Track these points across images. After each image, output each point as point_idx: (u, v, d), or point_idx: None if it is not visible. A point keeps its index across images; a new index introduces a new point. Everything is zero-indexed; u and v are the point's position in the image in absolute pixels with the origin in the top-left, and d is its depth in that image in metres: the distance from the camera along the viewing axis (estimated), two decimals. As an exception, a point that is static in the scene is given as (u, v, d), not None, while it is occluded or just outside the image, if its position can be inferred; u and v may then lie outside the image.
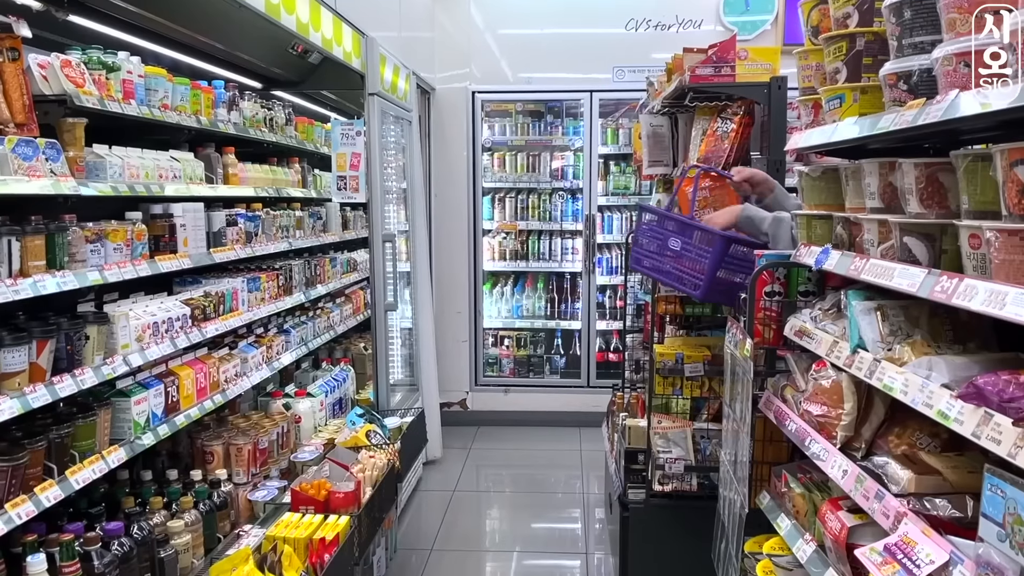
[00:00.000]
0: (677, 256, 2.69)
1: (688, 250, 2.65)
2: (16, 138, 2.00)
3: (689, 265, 2.66)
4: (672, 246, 2.69)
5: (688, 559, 3.09)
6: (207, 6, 2.84)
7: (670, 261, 2.71)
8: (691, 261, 2.65)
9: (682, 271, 2.67)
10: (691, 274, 2.66)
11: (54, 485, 2.07)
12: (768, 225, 2.57)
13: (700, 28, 6.01)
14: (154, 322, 2.54)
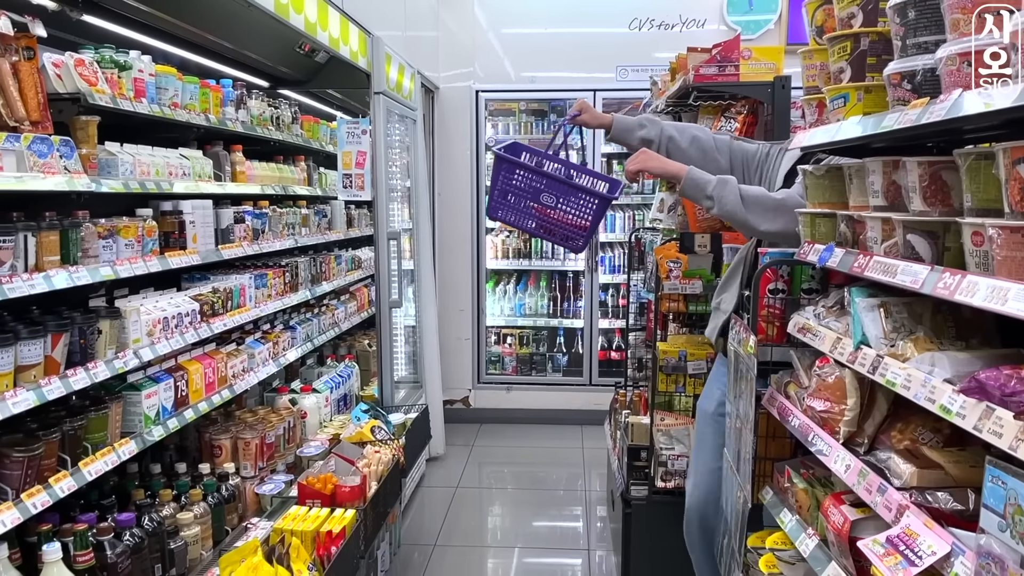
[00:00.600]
0: (548, 208, 2.50)
1: (563, 206, 2.47)
2: (32, 135, 2.03)
3: (561, 218, 2.49)
4: (545, 201, 2.47)
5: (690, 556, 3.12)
6: (217, 5, 2.87)
7: (537, 212, 2.51)
8: (566, 214, 2.49)
9: (553, 224, 2.50)
10: (565, 227, 2.49)
11: (68, 476, 2.10)
12: (713, 188, 2.37)
13: (704, 28, 6.04)
14: (164, 317, 2.57)
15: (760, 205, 2.31)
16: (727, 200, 2.33)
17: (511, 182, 2.48)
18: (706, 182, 2.34)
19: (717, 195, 2.33)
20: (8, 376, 1.93)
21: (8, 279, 1.91)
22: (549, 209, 2.46)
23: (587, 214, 2.45)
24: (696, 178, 2.37)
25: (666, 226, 4.27)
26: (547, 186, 2.45)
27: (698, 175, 2.37)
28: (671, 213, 4.24)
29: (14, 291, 1.91)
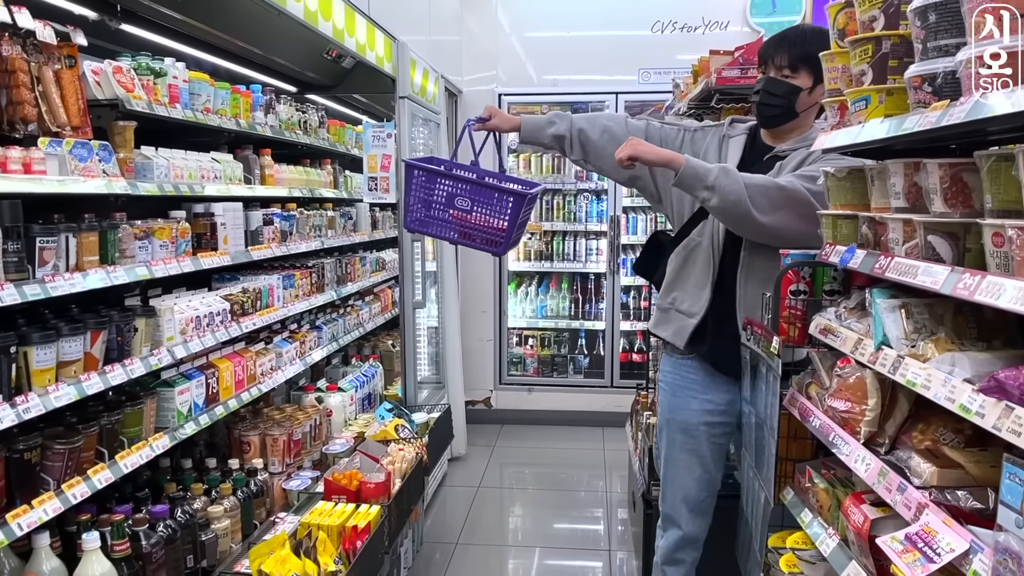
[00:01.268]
0: (466, 213, 2.40)
1: (479, 208, 2.37)
2: (73, 140, 2.10)
3: (479, 220, 2.39)
4: (460, 205, 2.37)
5: (711, 556, 3.13)
6: (248, 13, 2.94)
7: (455, 220, 2.40)
8: (484, 218, 2.38)
9: (472, 228, 2.39)
10: (484, 231, 2.39)
11: (105, 468, 2.17)
12: (715, 178, 2.18)
13: (727, 30, 6.04)
14: (196, 316, 2.64)
15: (765, 195, 2.18)
16: (730, 190, 2.16)
17: (423, 191, 2.40)
18: (706, 171, 2.19)
19: (719, 184, 2.16)
20: (50, 371, 2.00)
21: (51, 278, 1.98)
22: (466, 214, 2.37)
23: (504, 214, 2.35)
24: (695, 167, 2.20)
25: (688, 228, 4.29)
26: (460, 190, 2.37)
27: (697, 164, 2.21)
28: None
29: (56, 289, 1.98)
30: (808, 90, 2.33)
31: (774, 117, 2.39)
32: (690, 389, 2.55)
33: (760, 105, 2.38)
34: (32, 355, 1.95)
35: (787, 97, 2.33)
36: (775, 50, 2.35)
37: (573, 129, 2.55)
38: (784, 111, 2.35)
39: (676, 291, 2.51)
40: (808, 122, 2.43)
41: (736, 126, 2.59)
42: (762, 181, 2.19)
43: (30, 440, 2.00)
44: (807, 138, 2.38)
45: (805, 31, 2.34)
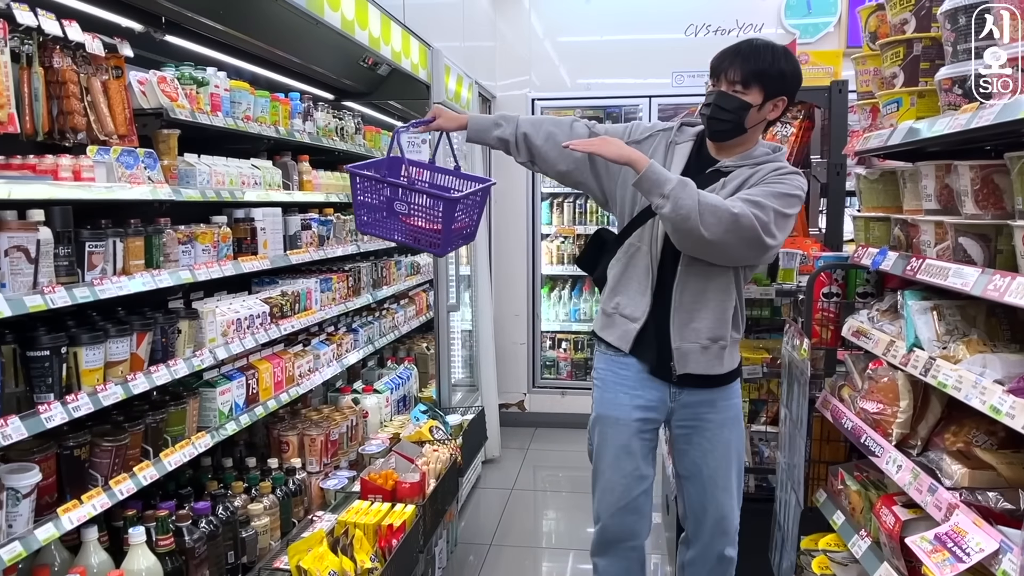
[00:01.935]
0: (407, 216, 2.40)
1: (417, 212, 2.37)
2: (120, 148, 2.19)
3: (421, 224, 2.39)
4: (399, 209, 2.38)
5: (745, 560, 3.13)
6: (287, 24, 3.02)
7: (399, 222, 2.41)
8: (422, 220, 2.39)
9: (416, 231, 2.40)
10: (425, 233, 2.40)
11: (150, 466, 2.25)
12: (672, 188, 2.13)
13: (761, 32, 6.00)
14: (237, 318, 2.72)
15: (715, 216, 2.13)
16: (683, 203, 2.12)
17: (364, 195, 2.42)
18: (666, 179, 2.15)
19: (675, 195, 2.13)
20: (99, 371, 2.08)
21: (99, 281, 2.06)
22: (405, 216, 2.38)
23: (436, 217, 2.34)
24: (657, 172, 2.16)
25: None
26: (396, 194, 2.38)
27: (658, 171, 2.17)
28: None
29: (105, 292, 2.06)
30: (758, 107, 2.30)
31: (723, 132, 2.36)
32: (623, 385, 2.53)
33: (710, 119, 2.35)
34: (82, 355, 2.03)
35: (737, 113, 2.29)
36: (728, 64, 2.30)
37: (518, 132, 2.53)
38: (733, 126, 2.32)
39: (619, 296, 2.49)
40: (755, 138, 2.42)
41: (684, 131, 2.54)
42: (716, 203, 2.15)
43: (80, 437, 2.08)
44: (751, 155, 2.38)
45: (759, 46, 2.30)
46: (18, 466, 1.88)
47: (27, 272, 1.83)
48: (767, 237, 2.17)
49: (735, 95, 2.28)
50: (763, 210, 2.17)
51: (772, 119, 2.39)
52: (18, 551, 1.79)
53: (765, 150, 2.40)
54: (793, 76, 2.32)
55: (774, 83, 2.28)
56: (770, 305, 3.53)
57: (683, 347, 2.40)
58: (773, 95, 2.30)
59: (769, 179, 2.28)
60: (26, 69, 2.00)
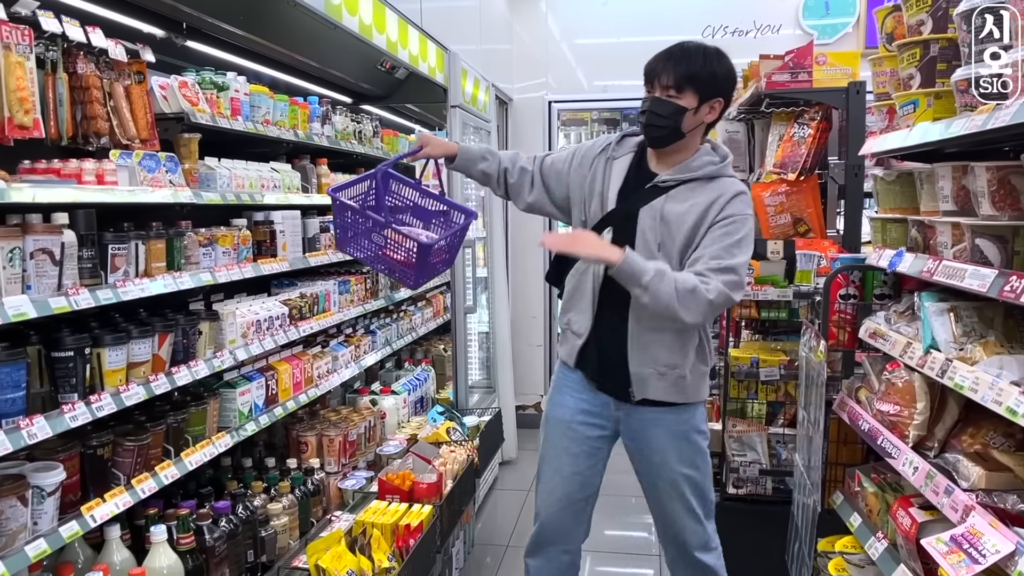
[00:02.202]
0: (383, 248, 2.42)
1: (393, 246, 2.40)
2: (142, 153, 2.23)
3: (396, 257, 2.42)
4: (376, 241, 2.41)
5: (762, 562, 3.12)
6: (306, 28, 3.06)
7: (375, 250, 2.44)
8: (399, 255, 2.41)
9: (391, 263, 2.43)
10: (400, 266, 2.42)
11: (171, 465, 2.28)
12: (650, 279, 2.13)
13: (779, 33, 5.98)
14: (257, 320, 2.75)
15: (695, 302, 2.14)
16: (662, 293, 2.13)
17: (346, 220, 2.45)
18: (642, 271, 2.13)
19: (653, 288, 2.13)
20: (122, 372, 2.12)
21: (122, 283, 2.10)
22: (382, 247, 2.41)
23: (411, 256, 2.38)
24: (632, 265, 2.15)
25: (739, 233, 4.28)
26: (375, 226, 2.40)
27: (634, 263, 2.15)
28: (744, 220, 4.25)
29: (127, 294, 2.10)
30: (693, 110, 2.27)
31: (661, 138, 2.33)
32: (568, 388, 2.55)
33: (646, 126, 2.34)
34: (105, 356, 2.07)
35: (672, 118, 2.27)
36: (661, 69, 2.29)
37: (500, 168, 2.61)
38: (670, 132, 2.30)
39: (570, 312, 2.51)
40: (694, 143, 2.38)
41: (625, 143, 2.53)
42: (693, 288, 2.14)
43: (103, 437, 2.12)
44: (688, 166, 2.34)
45: (689, 49, 2.28)
46: (43, 465, 1.92)
47: (52, 274, 1.87)
48: (737, 293, 2.21)
49: (669, 100, 2.26)
50: (733, 271, 2.19)
51: (710, 121, 2.36)
52: (43, 548, 1.83)
53: (706, 159, 2.36)
54: (726, 77, 2.30)
55: (707, 85, 2.25)
56: (787, 307, 3.51)
57: (641, 372, 2.37)
58: (708, 97, 2.27)
59: (724, 225, 2.25)
60: (51, 75, 2.04)
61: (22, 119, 1.83)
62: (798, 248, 3.54)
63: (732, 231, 2.24)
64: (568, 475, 2.57)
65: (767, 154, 3.69)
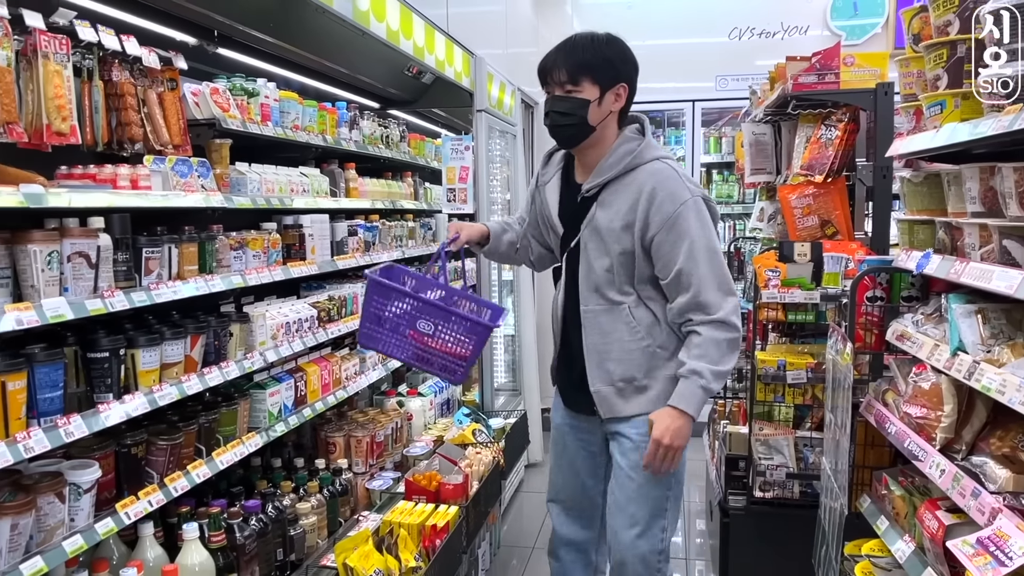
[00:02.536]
0: (426, 336, 2.23)
1: (443, 333, 2.23)
2: (175, 158, 2.28)
3: (440, 346, 2.24)
4: (423, 328, 2.22)
5: (789, 566, 3.10)
6: (335, 35, 3.11)
7: (414, 340, 2.25)
8: (445, 343, 2.24)
9: (431, 352, 2.24)
10: (444, 356, 2.24)
11: (203, 464, 2.33)
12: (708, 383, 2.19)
13: (806, 34, 5.95)
14: (286, 322, 2.80)
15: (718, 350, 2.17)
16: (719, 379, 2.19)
17: (385, 308, 2.25)
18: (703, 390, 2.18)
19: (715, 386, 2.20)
20: (155, 372, 2.17)
21: (155, 286, 2.15)
22: (427, 337, 2.23)
23: (469, 342, 2.22)
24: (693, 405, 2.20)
25: (766, 235, 4.25)
26: (425, 312, 2.23)
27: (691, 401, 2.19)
28: (771, 222, 4.22)
29: (160, 296, 2.15)
30: (597, 100, 2.19)
31: (572, 136, 2.25)
32: (557, 406, 2.60)
33: (552, 128, 2.27)
34: (139, 357, 2.12)
35: (576, 113, 2.18)
36: (552, 66, 2.21)
37: (519, 237, 2.60)
38: (578, 128, 2.21)
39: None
40: (609, 135, 2.28)
41: (550, 162, 2.47)
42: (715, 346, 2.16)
43: (137, 436, 2.17)
44: (603, 167, 2.25)
45: (577, 41, 2.20)
46: (79, 463, 1.98)
47: (88, 277, 1.93)
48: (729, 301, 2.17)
49: (569, 96, 2.18)
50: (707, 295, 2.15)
51: (619, 109, 2.26)
52: (80, 544, 1.88)
53: (624, 149, 2.24)
54: (623, 60, 2.23)
55: (604, 72, 2.18)
56: (814, 310, 3.49)
57: (601, 391, 2.33)
58: (609, 84, 2.19)
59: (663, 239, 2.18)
60: (87, 83, 2.10)
61: (60, 126, 1.89)
62: (826, 250, 3.52)
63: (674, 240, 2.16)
64: (567, 480, 2.56)
65: (794, 156, 3.67)
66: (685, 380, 2.18)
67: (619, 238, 2.22)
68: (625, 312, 2.27)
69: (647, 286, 2.27)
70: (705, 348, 2.16)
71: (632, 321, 2.27)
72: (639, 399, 2.31)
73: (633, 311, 2.27)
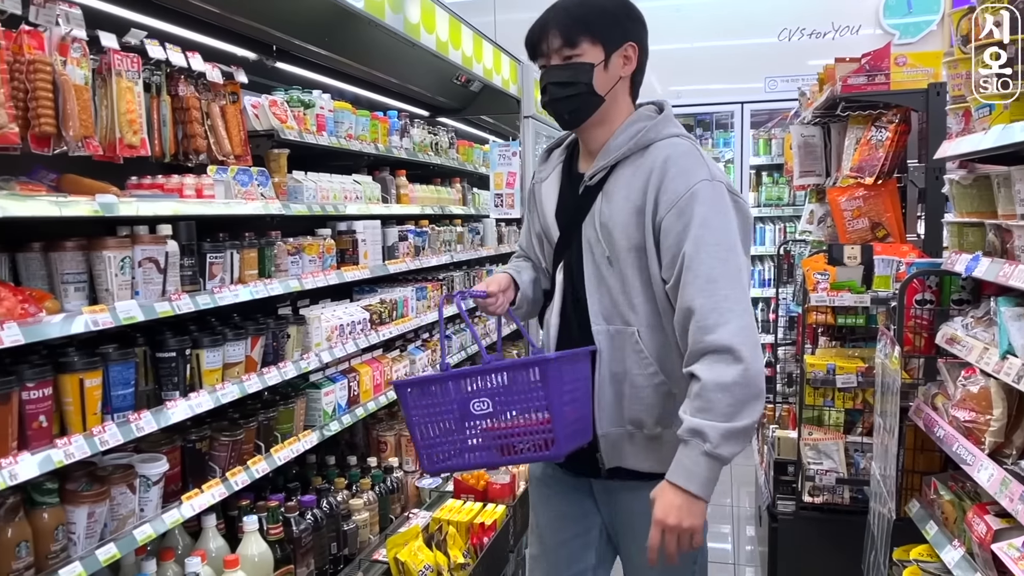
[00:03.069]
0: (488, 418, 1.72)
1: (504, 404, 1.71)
2: (236, 168, 2.39)
3: (511, 422, 1.71)
4: (479, 410, 1.73)
5: (838, 572, 3.08)
6: (386, 47, 3.21)
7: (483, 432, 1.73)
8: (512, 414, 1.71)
9: (507, 436, 1.71)
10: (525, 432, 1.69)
11: (262, 460, 2.44)
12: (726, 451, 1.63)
13: (858, 33, 5.87)
14: (340, 324, 2.90)
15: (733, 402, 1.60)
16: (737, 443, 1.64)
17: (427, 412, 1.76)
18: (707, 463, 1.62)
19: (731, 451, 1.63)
20: (218, 371, 2.28)
21: (218, 289, 2.26)
22: (489, 420, 1.72)
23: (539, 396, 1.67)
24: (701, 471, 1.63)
25: (815, 238, 4.21)
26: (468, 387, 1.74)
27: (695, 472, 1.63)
28: (820, 225, 4.19)
29: (223, 299, 2.26)
30: (603, 64, 1.77)
31: (576, 111, 1.79)
32: None
33: (552, 104, 1.82)
34: (204, 357, 2.23)
35: (579, 80, 1.75)
36: (541, 34, 1.78)
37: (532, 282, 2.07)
38: (584, 97, 1.76)
39: None
40: (619, 110, 1.84)
41: (550, 158, 2.01)
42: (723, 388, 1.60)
43: (201, 432, 2.29)
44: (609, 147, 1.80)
45: (566, 1, 1.79)
46: (148, 456, 2.09)
47: (157, 281, 2.04)
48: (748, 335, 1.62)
49: (568, 63, 1.76)
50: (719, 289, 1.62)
51: (631, 76, 1.84)
52: (149, 532, 1.99)
53: (637, 127, 1.79)
54: (626, 15, 1.80)
55: (606, 27, 1.76)
56: (865, 313, 3.45)
57: (610, 433, 1.81)
58: (614, 44, 1.77)
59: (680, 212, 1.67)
60: (156, 98, 2.23)
61: (131, 139, 2.01)
62: (876, 253, 3.48)
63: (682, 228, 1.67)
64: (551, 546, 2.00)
65: (843, 158, 3.64)
66: (684, 446, 1.64)
67: (628, 230, 1.74)
68: (633, 337, 1.76)
69: (662, 300, 1.75)
70: (708, 397, 1.60)
71: (642, 349, 1.75)
72: (651, 453, 1.81)
73: (643, 336, 1.76)
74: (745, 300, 1.66)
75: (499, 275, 2.00)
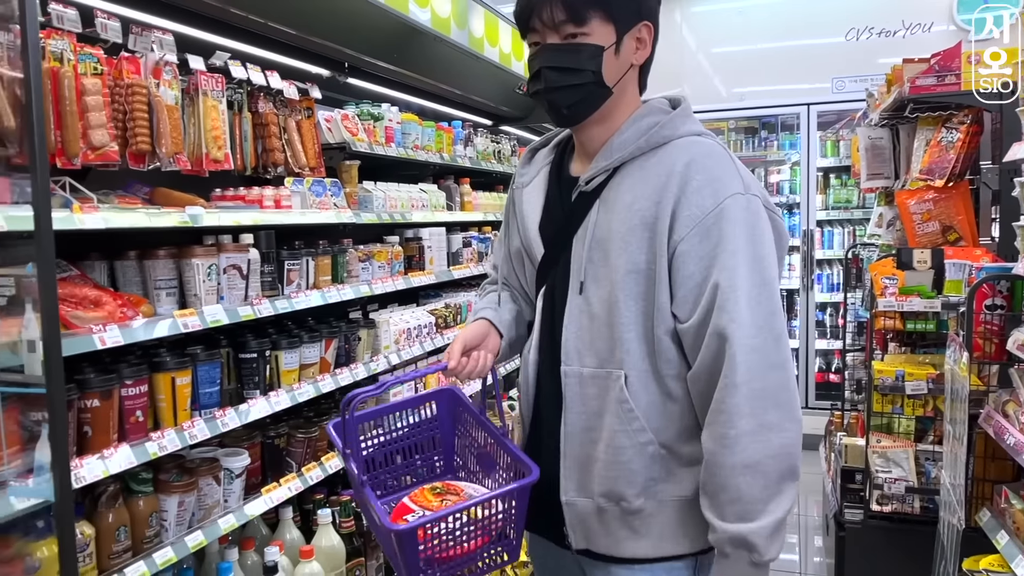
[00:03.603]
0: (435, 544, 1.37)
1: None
2: (311, 179, 2.52)
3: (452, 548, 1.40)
4: None
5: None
6: (451, 61, 3.31)
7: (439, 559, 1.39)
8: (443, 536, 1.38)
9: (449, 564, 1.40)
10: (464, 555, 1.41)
11: (335, 457, 2.55)
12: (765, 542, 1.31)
13: (930, 31, 5.72)
14: (407, 328, 3.00)
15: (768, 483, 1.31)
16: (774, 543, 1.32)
17: None
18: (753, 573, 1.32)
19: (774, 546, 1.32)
20: (295, 372, 2.40)
21: (295, 294, 2.39)
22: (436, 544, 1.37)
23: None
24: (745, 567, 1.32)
25: (884, 241, 4.14)
26: None
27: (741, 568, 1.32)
28: (889, 228, 4.11)
29: (299, 304, 2.38)
30: (614, 47, 1.41)
31: (577, 105, 1.42)
32: None
33: (548, 93, 1.42)
34: (282, 358, 2.36)
35: (585, 67, 1.39)
36: (540, 5, 1.38)
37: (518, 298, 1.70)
38: (588, 89, 1.41)
39: None
40: (625, 104, 1.48)
41: (534, 159, 1.62)
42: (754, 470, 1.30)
43: (279, 429, 2.42)
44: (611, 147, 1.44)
45: None
46: (231, 451, 2.23)
47: (240, 287, 2.17)
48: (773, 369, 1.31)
49: (571, 44, 1.39)
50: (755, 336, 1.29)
51: (641, 63, 1.50)
52: (232, 522, 2.12)
53: (646, 123, 1.46)
54: None
55: (621, 3, 1.40)
56: (935, 318, 3.39)
57: (576, 504, 1.44)
58: (628, 23, 1.42)
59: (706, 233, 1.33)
60: (237, 114, 2.37)
61: (216, 154, 2.15)
62: (948, 257, 3.41)
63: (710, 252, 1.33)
64: None
65: (913, 160, 3.58)
66: (724, 560, 1.33)
67: (630, 248, 1.37)
68: (618, 384, 1.38)
69: (663, 341, 1.38)
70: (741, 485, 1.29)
71: (627, 400, 1.38)
72: (631, 536, 1.42)
73: (631, 384, 1.38)
74: (784, 349, 1.34)
75: (471, 328, 1.57)
